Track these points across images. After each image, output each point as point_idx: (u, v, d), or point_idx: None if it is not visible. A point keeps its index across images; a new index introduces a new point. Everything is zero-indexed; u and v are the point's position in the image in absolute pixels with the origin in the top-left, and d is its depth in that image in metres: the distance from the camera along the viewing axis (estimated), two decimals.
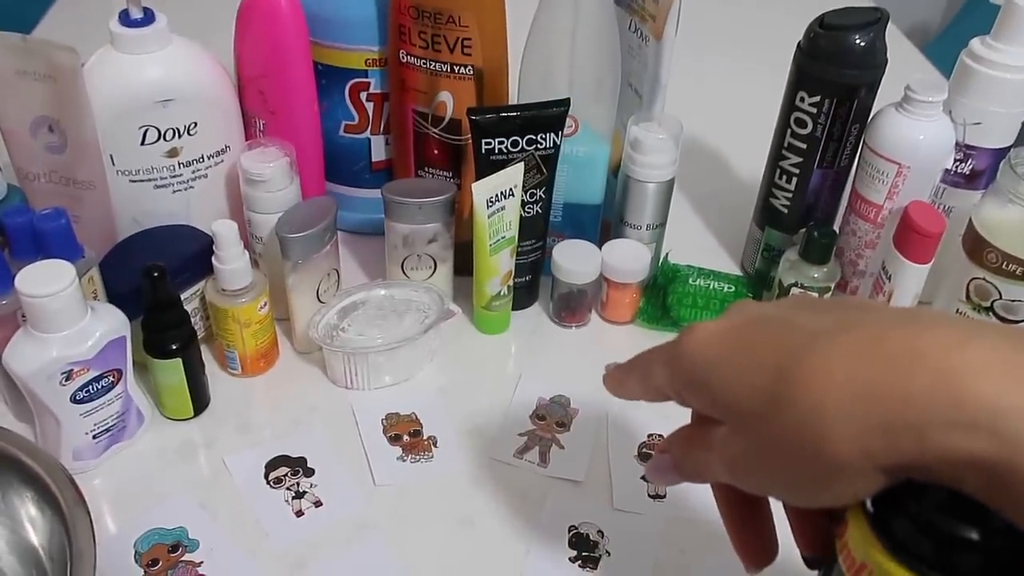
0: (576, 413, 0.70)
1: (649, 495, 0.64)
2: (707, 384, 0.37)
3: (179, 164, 0.70)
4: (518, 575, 0.59)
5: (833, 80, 0.70)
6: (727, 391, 0.36)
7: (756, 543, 0.42)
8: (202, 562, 0.58)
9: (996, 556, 0.32)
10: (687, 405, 0.40)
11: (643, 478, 0.65)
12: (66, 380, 0.58)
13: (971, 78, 0.70)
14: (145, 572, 0.58)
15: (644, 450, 0.67)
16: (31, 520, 0.50)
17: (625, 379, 0.43)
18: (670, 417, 0.42)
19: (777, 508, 0.41)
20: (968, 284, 0.69)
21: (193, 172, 0.71)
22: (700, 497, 0.64)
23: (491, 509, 0.63)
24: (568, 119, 0.72)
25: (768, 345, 0.35)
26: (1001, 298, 0.67)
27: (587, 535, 0.61)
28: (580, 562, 0.60)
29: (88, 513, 0.46)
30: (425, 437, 0.68)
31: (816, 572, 0.41)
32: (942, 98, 0.69)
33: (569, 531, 0.62)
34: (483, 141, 0.70)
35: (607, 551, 0.60)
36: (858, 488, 0.32)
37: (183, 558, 0.59)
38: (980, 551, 0.32)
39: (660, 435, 0.68)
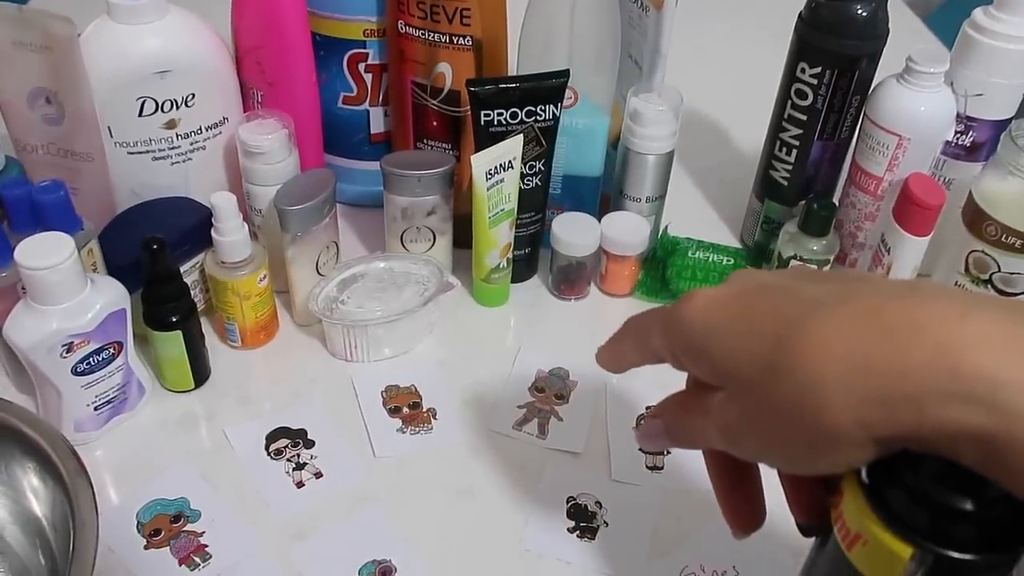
0: (575, 385, 0.71)
1: (647, 466, 0.65)
2: (706, 350, 0.37)
3: (177, 136, 0.70)
4: (517, 545, 0.59)
5: (834, 51, 0.70)
6: (726, 357, 0.36)
7: (745, 509, 0.43)
8: (204, 532, 0.59)
9: (991, 526, 0.32)
10: (683, 369, 0.40)
11: (641, 450, 0.65)
12: (67, 352, 0.58)
13: (973, 49, 0.70)
14: (147, 542, 0.58)
15: (642, 422, 0.67)
16: (33, 491, 0.50)
17: (618, 346, 0.44)
18: (668, 387, 0.42)
19: (771, 477, 0.41)
20: (967, 257, 0.69)
21: (191, 144, 0.71)
22: (697, 468, 0.65)
23: (490, 480, 0.64)
24: (568, 91, 0.71)
25: (768, 313, 0.35)
26: (1000, 271, 0.68)
27: (585, 506, 0.62)
28: (578, 532, 0.60)
29: (90, 484, 0.47)
30: (424, 409, 0.68)
31: (812, 540, 0.41)
32: (944, 69, 0.68)
33: (567, 502, 0.62)
34: (482, 113, 0.70)
35: (605, 521, 0.61)
36: (852, 457, 0.33)
37: (185, 528, 0.59)
38: (975, 522, 0.32)
39: None
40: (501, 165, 0.69)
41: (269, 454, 0.64)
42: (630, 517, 0.61)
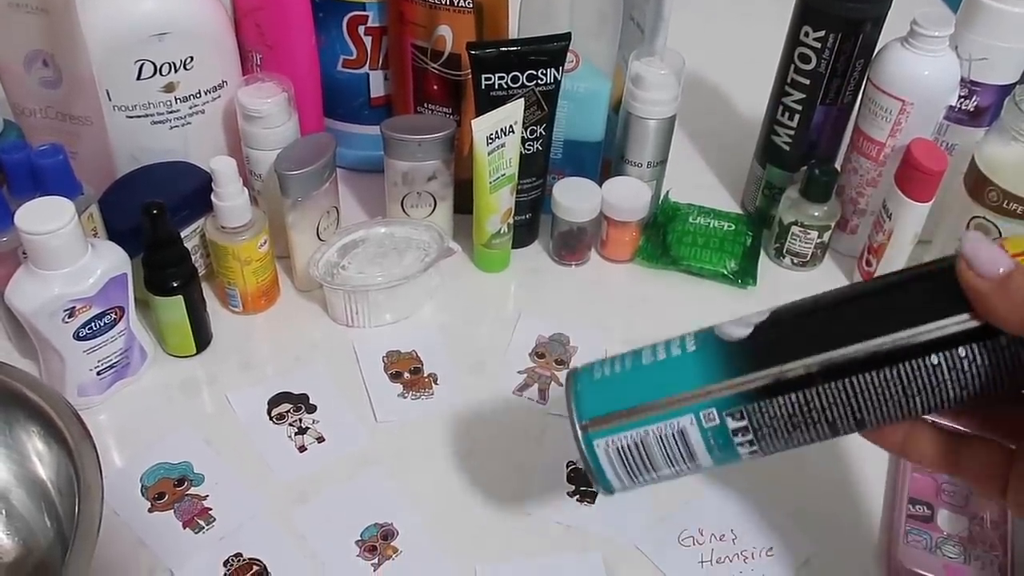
0: (575, 351, 0.71)
1: None
2: None
3: (176, 99, 0.69)
4: (518, 509, 0.60)
5: (838, 14, 0.69)
6: None
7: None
8: (207, 496, 0.59)
9: None
10: None
11: None
12: (69, 317, 0.58)
13: (978, 12, 0.69)
14: (152, 505, 0.59)
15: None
16: (38, 454, 0.51)
17: None
18: None
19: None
20: (968, 223, 0.69)
21: (190, 108, 0.71)
22: None
23: (491, 445, 0.64)
24: (569, 54, 0.71)
25: None
26: (1001, 237, 0.67)
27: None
28: (578, 497, 0.61)
29: (94, 447, 0.47)
30: (425, 374, 0.69)
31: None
32: (948, 33, 0.68)
33: (567, 467, 0.63)
34: (483, 76, 0.69)
35: None
36: None
37: (189, 492, 0.60)
38: None
39: None
40: (502, 130, 0.69)
41: (271, 419, 0.65)
42: None
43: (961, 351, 0.35)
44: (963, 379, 0.35)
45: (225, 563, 0.56)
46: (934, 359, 0.35)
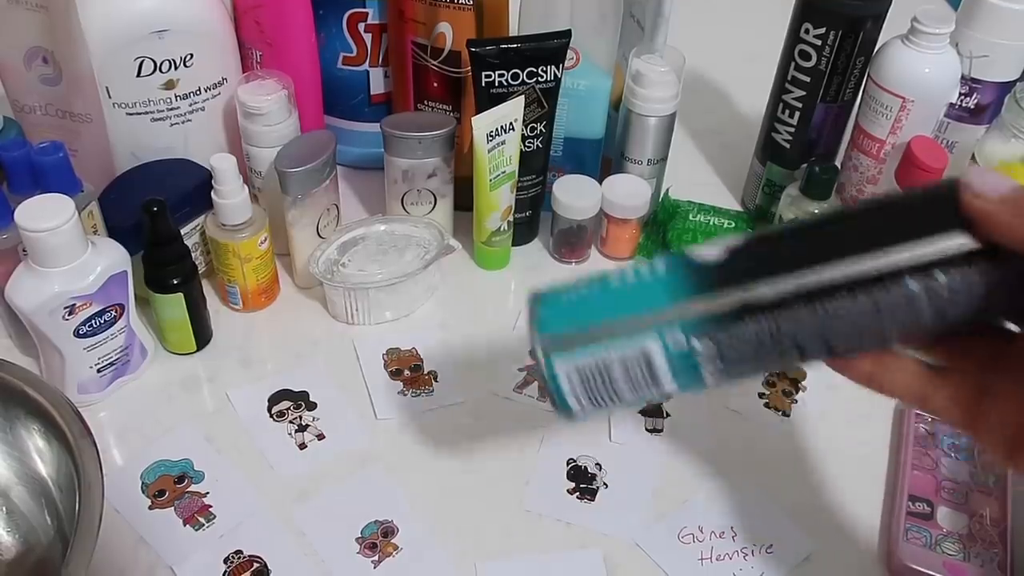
0: None
1: (646, 429, 0.65)
2: None
3: (176, 97, 0.69)
4: (517, 506, 0.60)
5: (839, 11, 0.69)
6: None
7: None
8: (207, 493, 0.59)
9: None
10: None
11: (642, 412, 0.66)
12: (69, 315, 0.58)
13: (979, 9, 0.69)
14: (152, 502, 0.59)
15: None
16: (39, 452, 0.51)
17: None
18: None
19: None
20: None
21: (190, 105, 0.71)
22: (696, 430, 0.65)
23: (491, 442, 0.64)
24: (569, 51, 0.71)
25: None
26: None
27: (585, 467, 0.62)
28: (578, 494, 0.61)
29: (95, 445, 0.47)
30: (425, 372, 0.69)
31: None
32: (949, 30, 0.68)
33: (567, 464, 0.63)
34: (483, 74, 0.69)
35: (604, 483, 0.62)
36: None
37: (189, 489, 0.60)
38: None
39: None
40: (502, 127, 0.69)
41: (271, 416, 0.65)
42: (629, 479, 0.62)
43: (940, 277, 0.34)
44: (937, 306, 0.34)
45: (225, 560, 0.56)
46: (911, 284, 0.34)
